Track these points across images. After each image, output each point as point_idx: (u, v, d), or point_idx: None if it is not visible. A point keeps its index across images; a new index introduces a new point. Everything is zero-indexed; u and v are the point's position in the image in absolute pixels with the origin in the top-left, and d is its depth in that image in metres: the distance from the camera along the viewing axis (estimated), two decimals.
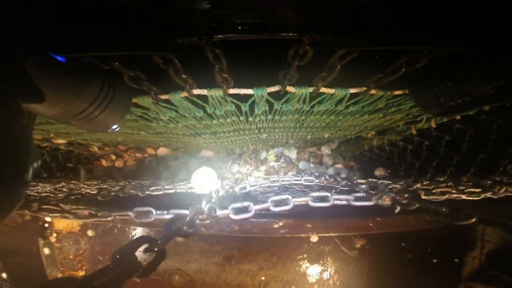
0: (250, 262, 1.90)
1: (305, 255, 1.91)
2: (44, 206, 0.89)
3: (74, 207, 0.89)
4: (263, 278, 1.94)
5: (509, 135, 1.07)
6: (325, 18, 0.76)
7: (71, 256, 1.96)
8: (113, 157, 2.46)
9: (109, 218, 0.83)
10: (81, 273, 1.97)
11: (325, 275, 1.97)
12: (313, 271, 1.96)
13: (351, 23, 0.77)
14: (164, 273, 1.91)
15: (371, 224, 1.54)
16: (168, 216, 0.77)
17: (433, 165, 1.50)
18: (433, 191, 0.85)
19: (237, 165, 2.55)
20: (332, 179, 1.11)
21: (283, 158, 2.58)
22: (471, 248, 1.80)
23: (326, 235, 1.72)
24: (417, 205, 0.71)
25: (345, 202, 0.77)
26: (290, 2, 0.74)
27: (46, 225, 1.93)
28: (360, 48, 0.80)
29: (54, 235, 1.94)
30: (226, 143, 2.00)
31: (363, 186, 0.84)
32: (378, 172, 2.17)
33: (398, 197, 0.75)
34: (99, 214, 0.85)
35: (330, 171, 2.54)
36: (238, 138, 1.85)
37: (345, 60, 0.85)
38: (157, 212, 0.79)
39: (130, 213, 0.81)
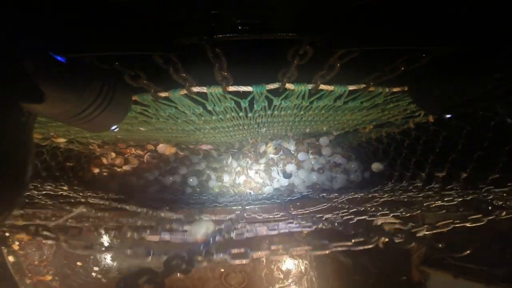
0: None
1: (259, 247, 1.96)
2: (43, 232, 0.90)
3: (69, 238, 0.90)
4: (222, 270, 2.01)
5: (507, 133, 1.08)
6: (325, 18, 0.76)
7: (36, 262, 1.98)
8: (113, 154, 2.46)
9: (104, 252, 0.84)
10: (49, 278, 2.00)
11: (281, 265, 2.07)
12: (268, 261, 2.05)
13: (351, 23, 0.77)
14: None
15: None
16: (165, 257, 0.78)
17: (430, 160, 1.51)
18: (437, 225, 0.87)
19: (236, 160, 2.57)
20: (330, 224, 1.13)
21: (282, 150, 2.60)
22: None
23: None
24: (413, 243, 0.74)
25: (345, 248, 0.81)
26: (290, 2, 0.74)
27: (7, 234, 1.93)
28: (360, 48, 0.80)
29: (17, 243, 1.95)
30: (226, 138, 2.01)
31: (361, 230, 0.86)
32: (375, 166, 2.19)
33: (395, 238, 0.78)
34: (95, 247, 0.86)
35: (332, 158, 2.56)
36: (237, 133, 1.86)
37: (344, 59, 0.86)
38: (155, 253, 0.80)
39: (127, 251, 0.82)
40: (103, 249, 0.86)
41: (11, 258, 1.96)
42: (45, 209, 1.41)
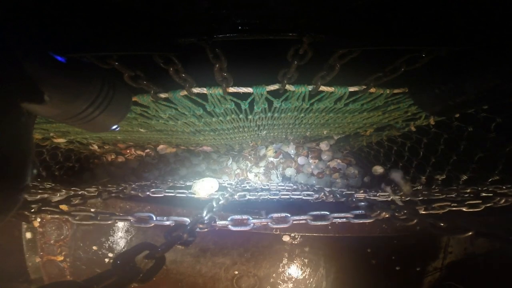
0: (224, 255, 1.98)
1: (276, 253, 2.00)
2: (44, 208, 0.90)
3: (73, 209, 0.90)
4: (236, 272, 2.01)
5: (508, 134, 1.08)
6: (325, 18, 0.76)
7: (52, 241, 1.97)
8: (113, 155, 2.45)
9: (109, 222, 0.84)
10: (60, 258, 1.98)
11: (295, 274, 2.07)
12: (283, 269, 2.05)
13: (351, 23, 0.77)
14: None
15: (329, 227, 1.68)
16: (168, 223, 0.77)
17: (431, 163, 1.50)
18: (433, 205, 0.86)
19: (236, 162, 2.56)
20: (331, 194, 1.12)
21: (282, 153, 2.59)
22: (433, 259, 1.88)
23: (296, 234, 1.87)
24: (416, 220, 0.72)
25: (344, 220, 0.79)
26: (290, 2, 0.74)
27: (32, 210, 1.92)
28: (360, 48, 0.80)
29: (38, 219, 1.94)
30: (226, 140, 2.00)
31: (362, 203, 0.85)
32: (376, 169, 2.18)
33: (396, 213, 0.76)
34: (99, 217, 0.85)
35: (332, 163, 2.55)
36: (237, 135, 1.85)
37: (344, 59, 0.86)
38: (157, 218, 0.79)
39: (130, 218, 0.82)
40: (107, 215, 0.85)
41: (28, 235, 1.97)
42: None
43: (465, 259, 1.84)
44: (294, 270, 2.06)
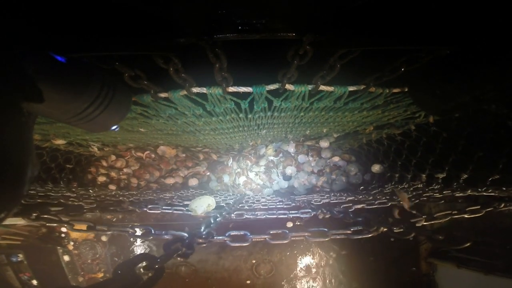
0: (241, 248, 2.25)
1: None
2: (43, 216, 0.90)
3: (72, 219, 0.90)
4: (253, 261, 2.28)
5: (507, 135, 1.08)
6: (325, 18, 0.76)
7: (89, 261, 2.17)
8: (113, 157, 2.46)
9: (108, 233, 0.85)
10: (100, 275, 2.18)
11: (304, 254, 2.34)
12: (293, 252, 2.32)
13: (351, 23, 0.77)
14: (172, 265, 2.24)
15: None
16: (166, 236, 0.78)
17: (430, 161, 1.51)
18: (435, 215, 0.87)
19: (237, 162, 2.56)
20: (329, 213, 1.13)
21: (282, 152, 2.59)
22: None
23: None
24: (413, 234, 0.73)
25: (343, 236, 0.80)
26: (290, 2, 0.74)
27: (63, 235, 2.14)
28: (360, 48, 0.80)
29: (71, 243, 2.13)
30: (226, 140, 2.01)
31: (359, 219, 0.85)
32: (376, 168, 2.19)
33: (394, 228, 0.77)
34: (97, 227, 0.86)
35: (332, 161, 2.56)
36: (237, 135, 1.85)
37: (345, 59, 0.86)
38: (156, 232, 0.80)
39: (128, 230, 0.83)
40: (105, 229, 0.86)
41: (66, 258, 2.15)
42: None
43: (450, 223, 1.94)
44: (302, 251, 2.32)
